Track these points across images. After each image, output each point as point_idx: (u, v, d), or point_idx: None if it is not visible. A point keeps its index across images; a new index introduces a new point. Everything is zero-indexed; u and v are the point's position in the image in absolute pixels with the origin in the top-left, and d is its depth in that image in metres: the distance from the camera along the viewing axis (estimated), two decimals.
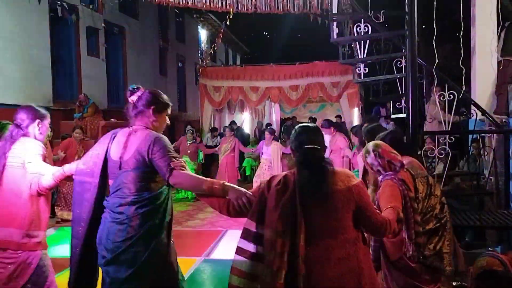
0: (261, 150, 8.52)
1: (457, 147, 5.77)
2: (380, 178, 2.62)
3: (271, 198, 2.00)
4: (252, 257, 2.00)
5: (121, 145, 2.43)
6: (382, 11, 4.88)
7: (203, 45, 20.83)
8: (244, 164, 10.91)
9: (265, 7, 8.15)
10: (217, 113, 13.35)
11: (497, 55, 5.64)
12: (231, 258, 2.05)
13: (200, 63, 15.92)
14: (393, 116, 5.93)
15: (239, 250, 2.05)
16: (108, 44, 12.50)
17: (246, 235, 2.05)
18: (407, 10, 4.54)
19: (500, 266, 2.07)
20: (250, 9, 8.10)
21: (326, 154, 6.88)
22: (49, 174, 2.66)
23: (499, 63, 5.66)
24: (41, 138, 2.88)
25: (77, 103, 9.33)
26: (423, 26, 4.89)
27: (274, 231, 1.93)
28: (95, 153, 2.51)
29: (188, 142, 9.18)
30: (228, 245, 5.81)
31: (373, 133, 3.41)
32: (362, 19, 5.19)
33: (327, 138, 6.94)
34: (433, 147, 4.47)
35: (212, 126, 12.10)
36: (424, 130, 5.71)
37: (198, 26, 20.48)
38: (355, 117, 11.61)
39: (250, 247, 2.01)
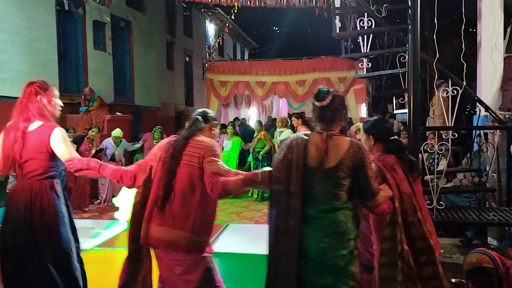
0: (221, 145, 8.71)
1: (461, 143, 5.72)
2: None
3: None
4: None
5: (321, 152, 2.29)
6: (385, 5, 4.82)
7: (210, 39, 20.82)
8: (248, 160, 10.92)
9: (270, 1, 8.12)
10: (223, 108, 13.36)
11: (503, 51, 5.56)
12: (232, 251, 2.04)
13: (208, 57, 15.92)
14: (396, 111, 5.87)
15: None
16: (115, 38, 12.54)
17: None
18: (410, 4, 4.48)
19: (489, 262, 2.05)
20: (255, 3, 8.07)
21: None
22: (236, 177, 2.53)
23: (505, 59, 5.59)
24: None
25: (82, 96, 9.39)
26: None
27: None
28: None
29: (155, 142, 8.35)
30: (229, 238, 5.84)
31: None
32: (366, 14, 5.16)
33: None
34: (434, 143, 4.43)
35: (219, 122, 12.10)
36: (428, 125, 5.66)
37: (206, 21, 20.47)
38: (363, 113, 11.54)
39: None
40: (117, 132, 8.41)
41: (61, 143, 2.75)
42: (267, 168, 2.45)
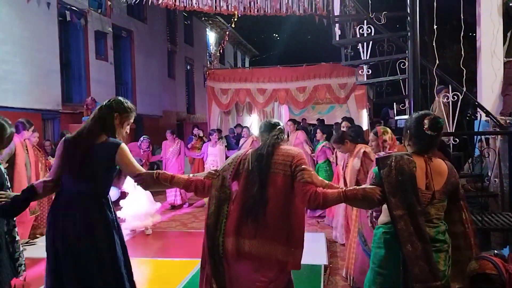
0: (206, 152, 8.69)
1: (462, 148, 5.72)
2: (381, 154, 2.85)
3: None
4: None
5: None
6: (384, 12, 4.86)
7: (211, 47, 20.92)
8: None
9: (270, 9, 8.16)
10: (224, 115, 13.39)
11: (503, 56, 5.58)
12: None
13: (208, 65, 15.98)
14: (396, 117, 5.88)
15: None
16: (116, 47, 12.63)
17: None
18: (409, 11, 4.51)
19: (492, 269, 2.04)
20: (255, 11, 8.12)
21: None
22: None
23: (505, 64, 5.61)
24: None
25: (85, 106, 9.44)
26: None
27: None
28: None
29: (142, 151, 8.20)
30: None
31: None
32: (365, 21, 5.19)
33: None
34: None
35: (218, 128, 12.14)
36: None
37: (207, 29, 20.58)
38: (363, 119, 11.55)
39: None
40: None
41: (128, 158, 2.62)
42: (367, 186, 2.42)
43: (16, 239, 3.08)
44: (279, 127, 2.65)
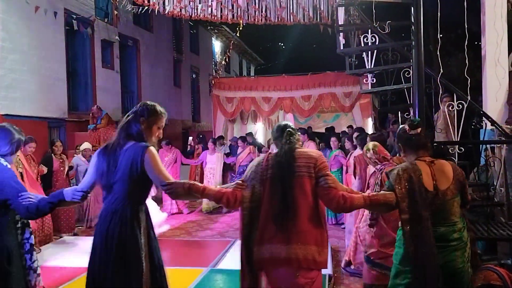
0: (204, 160, 9.00)
1: (468, 157, 5.70)
2: (378, 167, 3.67)
3: None
4: None
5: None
6: (388, 21, 4.87)
7: (217, 56, 21.04)
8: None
9: (275, 19, 8.20)
10: (229, 124, 13.42)
11: (507, 65, 5.58)
12: (232, 268, 2.05)
13: (214, 74, 16.05)
14: (401, 126, 5.86)
15: None
16: (123, 56, 12.73)
17: None
18: (413, 20, 4.53)
19: (497, 280, 2.04)
20: (260, 21, 8.16)
21: None
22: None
23: (510, 73, 5.60)
24: None
25: (91, 114, 9.51)
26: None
27: None
28: None
29: None
30: (236, 255, 5.80)
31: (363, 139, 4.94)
32: (369, 30, 5.21)
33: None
34: None
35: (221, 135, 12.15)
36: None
37: (212, 38, 20.71)
38: (368, 127, 11.53)
39: None
40: (85, 145, 7.73)
41: (156, 163, 2.51)
42: (386, 192, 2.56)
43: (31, 250, 2.93)
44: (288, 129, 2.65)
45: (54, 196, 2.63)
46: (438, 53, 4.67)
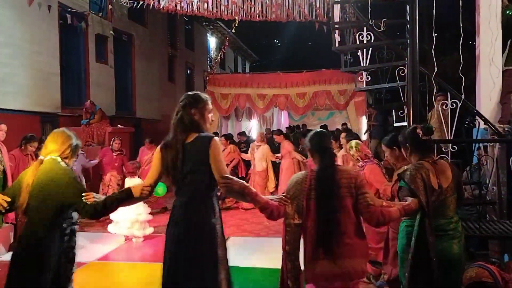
0: None
1: (461, 156, 5.73)
2: (360, 164, 4.10)
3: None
4: None
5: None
6: (383, 19, 4.88)
7: (212, 52, 20.98)
8: None
9: (270, 15, 8.19)
10: (224, 120, 13.40)
11: (501, 64, 5.60)
12: (232, 265, 2.07)
13: (209, 70, 16.02)
14: (395, 124, 5.89)
15: None
16: (117, 51, 12.65)
17: None
18: (408, 19, 4.53)
19: (488, 277, 2.05)
20: (255, 17, 8.15)
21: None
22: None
23: (504, 72, 5.63)
24: None
25: (84, 109, 9.45)
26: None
27: None
28: None
29: (114, 155, 8.09)
30: (230, 251, 5.80)
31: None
32: (365, 28, 5.21)
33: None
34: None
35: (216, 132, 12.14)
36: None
37: (207, 34, 20.65)
38: (363, 125, 11.57)
39: None
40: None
41: (219, 154, 2.63)
42: (412, 199, 2.72)
43: (74, 259, 2.86)
44: (328, 148, 2.76)
45: (122, 193, 2.70)
46: (433, 51, 4.67)
